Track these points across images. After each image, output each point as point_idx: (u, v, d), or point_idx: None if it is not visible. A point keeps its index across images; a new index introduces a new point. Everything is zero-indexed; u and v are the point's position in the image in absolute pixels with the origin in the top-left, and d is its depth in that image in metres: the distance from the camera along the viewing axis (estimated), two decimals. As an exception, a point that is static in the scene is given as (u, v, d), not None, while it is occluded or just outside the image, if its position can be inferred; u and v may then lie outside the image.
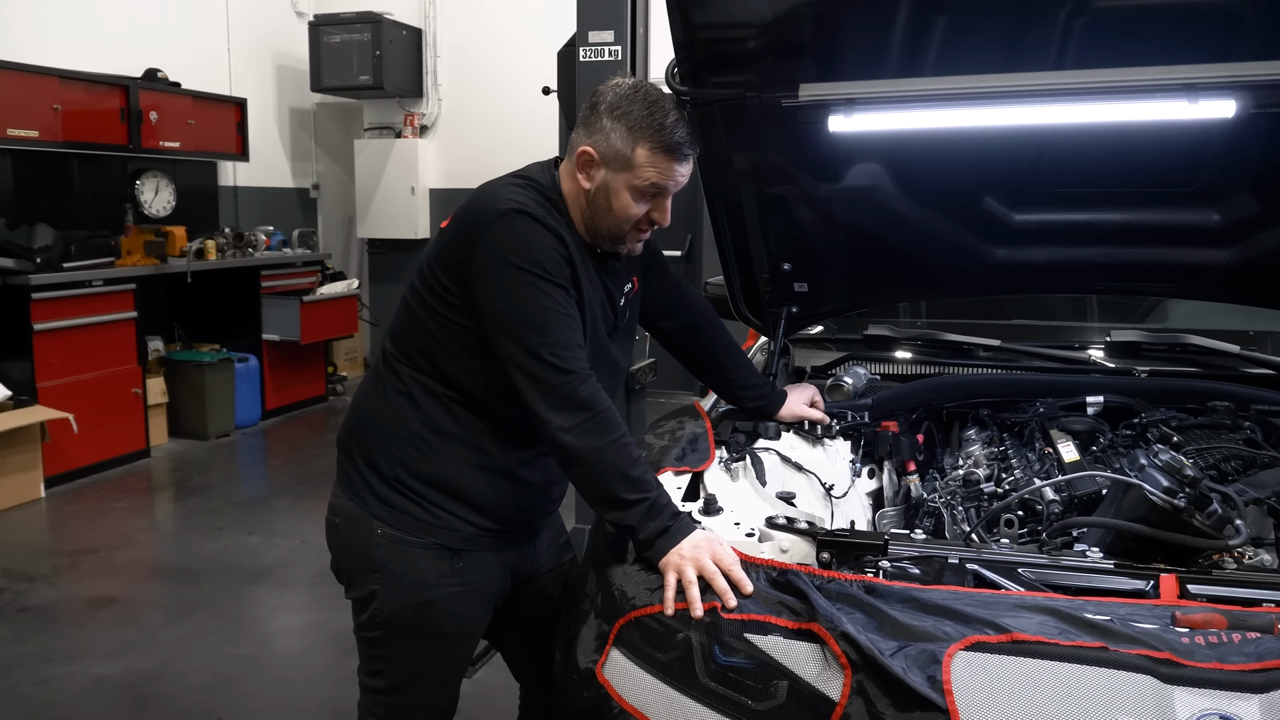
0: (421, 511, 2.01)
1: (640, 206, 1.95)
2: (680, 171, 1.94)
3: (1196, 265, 2.63)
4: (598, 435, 1.84)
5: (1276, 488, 2.12)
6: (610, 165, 1.92)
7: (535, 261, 1.86)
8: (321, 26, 8.56)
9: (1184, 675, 1.46)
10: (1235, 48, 2.02)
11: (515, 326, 1.87)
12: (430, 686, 2.13)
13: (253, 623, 4.22)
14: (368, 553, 2.03)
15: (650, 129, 1.89)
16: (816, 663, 1.61)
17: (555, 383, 1.84)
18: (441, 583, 2.03)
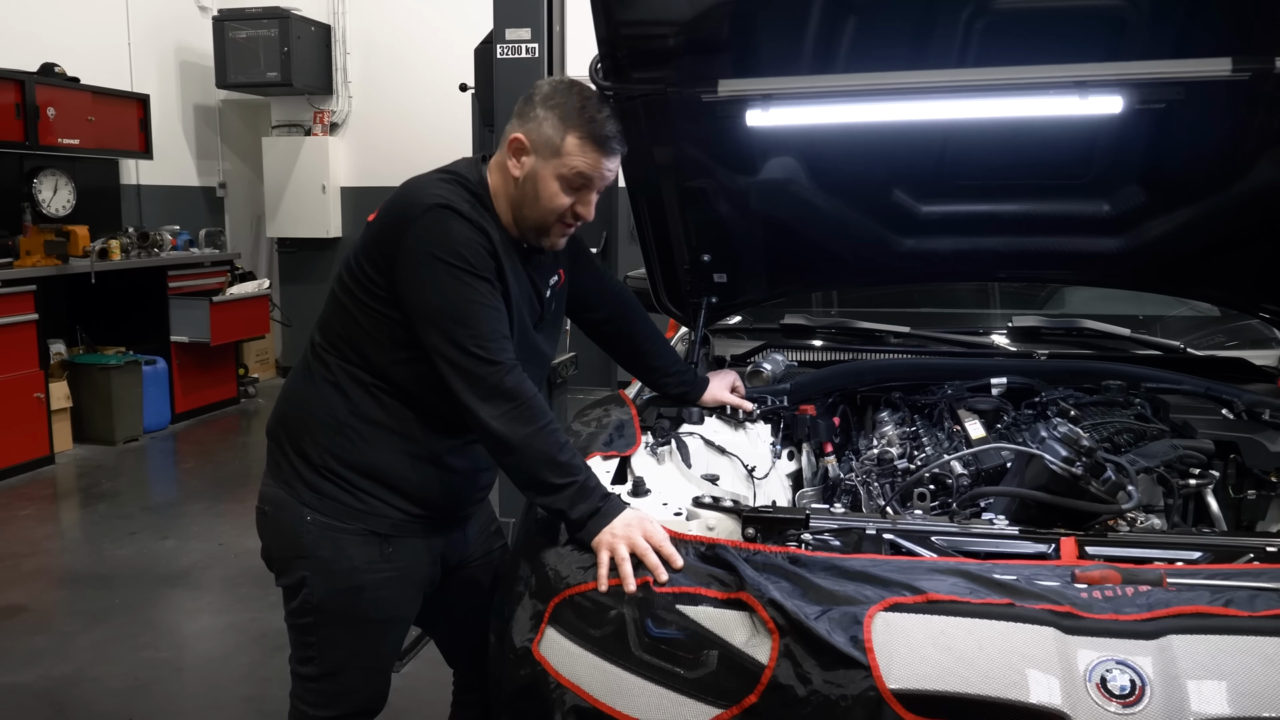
0: (350, 498, 2.04)
1: (566, 197, 2.00)
2: (607, 165, 2.00)
3: (1089, 253, 2.80)
4: (526, 423, 1.90)
5: (1165, 457, 2.28)
6: (540, 153, 1.97)
7: (460, 255, 1.91)
8: (226, 22, 8.40)
9: (1083, 626, 1.58)
10: (1121, 48, 2.17)
11: (441, 320, 1.91)
12: (361, 672, 2.15)
13: (172, 626, 4.16)
14: (297, 540, 2.05)
15: (581, 119, 1.95)
16: (746, 629, 1.69)
17: (482, 373, 1.89)
18: (371, 569, 2.06)
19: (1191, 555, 1.86)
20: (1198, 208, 2.63)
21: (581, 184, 2.00)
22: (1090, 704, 1.50)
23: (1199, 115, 2.36)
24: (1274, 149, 2.49)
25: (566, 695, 1.78)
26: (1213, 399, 2.60)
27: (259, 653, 3.85)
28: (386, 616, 2.13)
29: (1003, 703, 1.52)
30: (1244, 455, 2.43)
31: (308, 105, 8.98)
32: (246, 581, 4.56)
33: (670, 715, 1.69)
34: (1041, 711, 1.51)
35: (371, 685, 2.18)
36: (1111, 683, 1.52)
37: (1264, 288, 2.88)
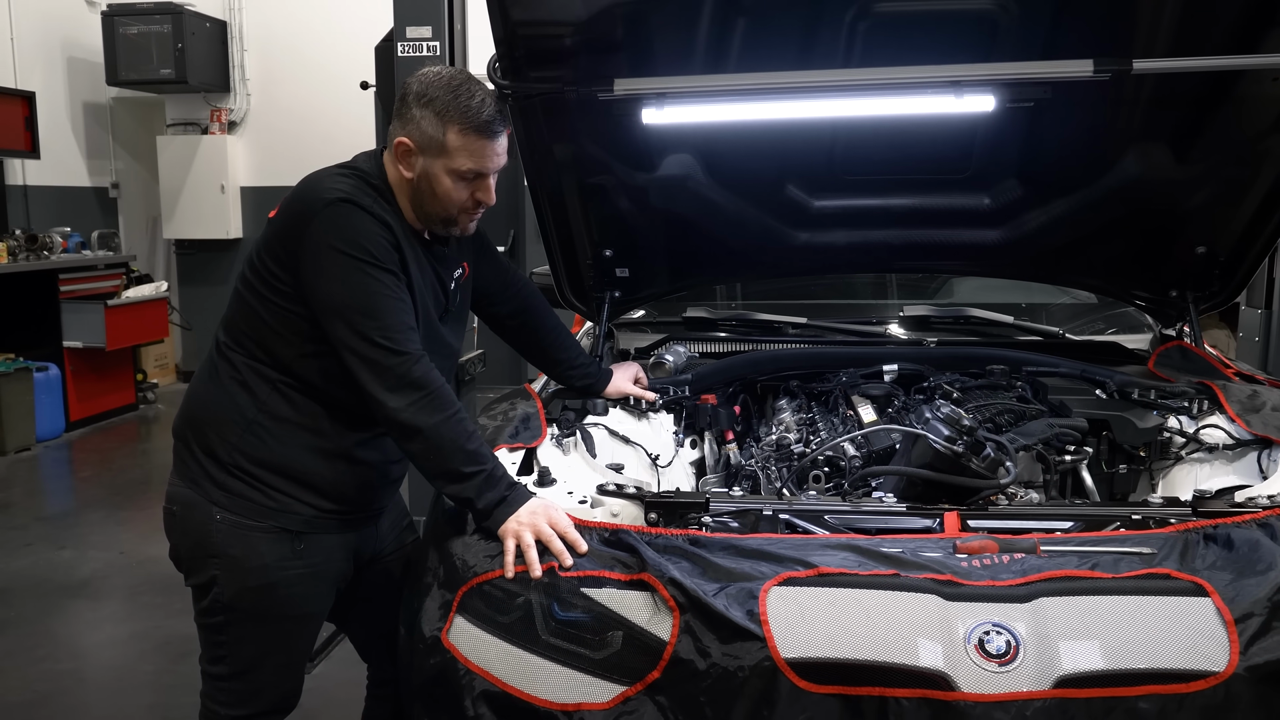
0: (260, 496, 2.04)
1: (463, 190, 2.02)
2: (495, 150, 2.01)
3: (973, 245, 2.94)
4: (433, 412, 1.93)
5: (1042, 435, 2.42)
6: (426, 152, 1.99)
7: (363, 248, 1.93)
8: (116, 17, 8.15)
9: (963, 593, 1.69)
10: (994, 49, 2.31)
11: (347, 313, 1.93)
12: (274, 670, 2.15)
13: (72, 637, 4.06)
14: (207, 538, 2.04)
15: (457, 111, 1.95)
16: (648, 608, 1.75)
17: (388, 364, 1.92)
18: (283, 565, 2.06)
19: (1064, 525, 1.99)
20: (1071, 200, 2.79)
21: (475, 175, 2.02)
22: (970, 665, 1.61)
23: (1069, 113, 2.51)
24: (1138, 144, 2.66)
25: (476, 681, 1.82)
26: (1088, 380, 2.76)
27: (164, 660, 3.79)
28: (299, 614, 2.13)
29: (889, 667, 1.61)
30: (1115, 432, 2.59)
31: (204, 103, 8.78)
32: (149, 589, 4.47)
33: (577, 695, 1.75)
34: (925, 674, 1.60)
35: (284, 683, 2.18)
36: (989, 644, 1.63)
37: (1136, 276, 3.06)
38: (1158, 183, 2.71)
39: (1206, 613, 1.65)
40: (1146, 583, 1.70)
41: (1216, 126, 2.56)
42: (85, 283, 7.35)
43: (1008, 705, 1.57)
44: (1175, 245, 2.88)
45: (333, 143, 8.30)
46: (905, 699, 1.60)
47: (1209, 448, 2.45)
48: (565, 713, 1.75)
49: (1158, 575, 1.71)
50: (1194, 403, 2.56)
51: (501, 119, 2.01)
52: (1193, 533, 1.83)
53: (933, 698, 1.59)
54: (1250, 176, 2.63)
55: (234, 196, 8.81)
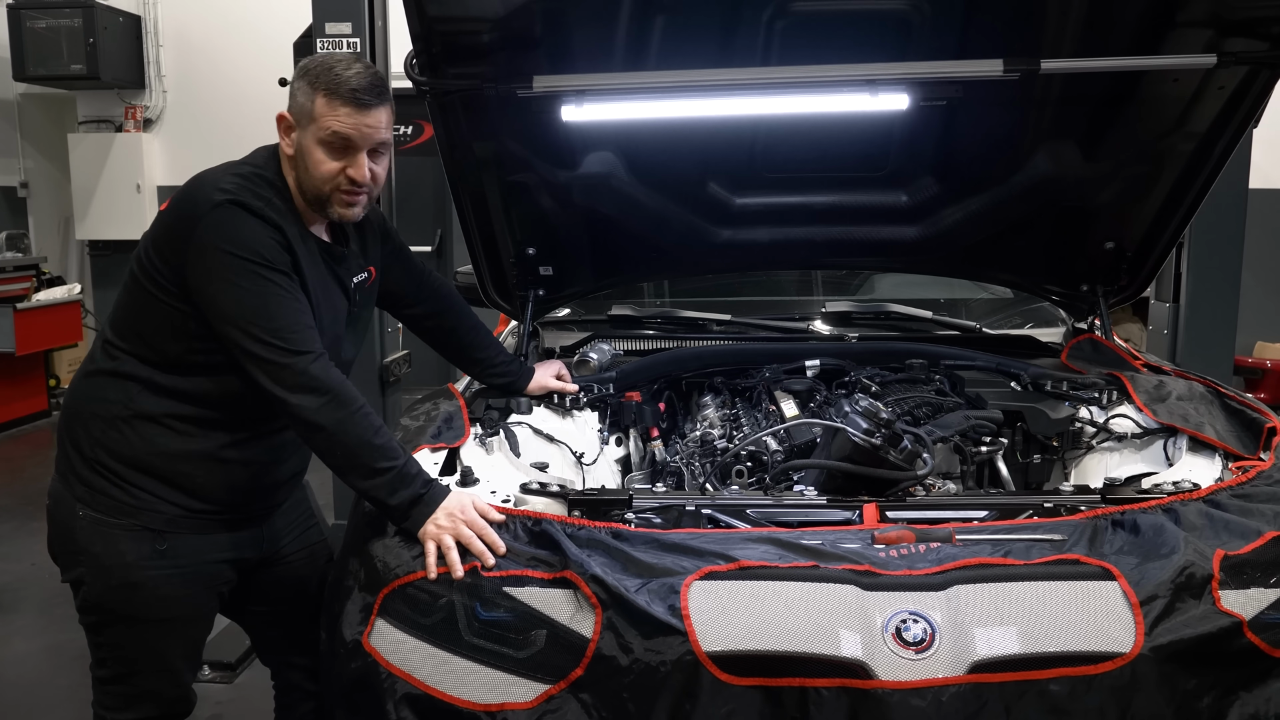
0: (121, 493, 1.99)
1: (333, 162, 1.96)
2: (364, 122, 1.95)
3: (891, 241, 2.99)
4: (338, 409, 1.89)
5: (959, 427, 2.47)
6: (300, 123, 1.96)
7: (252, 249, 1.89)
8: (23, 10, 7.86)
9: (881, 583, 1.72)
10: (909, 49, 2.35)
11: (239, 317, 1.89)
12: (153, 675, 2.09)
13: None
14: (71, 535, 2.01)
15: (327, 79, 1.92)
16: (570, 606, 1.76)
17: (287, 363, 1.88)
18: (145, 565, 2.00)
19: (979, 514, 2.04)
20: (985, 198, 2.86)
21: (343, 145, 1.95)
22: (887, 653, 1.64)
23: (982, 112, 2.58)
24: (1049, 143, 2.74)
25: (398, 684, 1.82)
26: (1003, 373, 2.82)
27: (79, 674, 3.58)
28: (169, 616, 2.06)
29: (809, 657, 1.64)
30: (1029, 423, 2.67)
31: (118, 100, 8.52)
32: (63, 601, 4.24)
33: (501, 695, 1.76)
34: (844, 663, 1.63)
35: (168, 688, 2.12)
36: (906, 632, 1.66)
37: (1048, 271, 3.15)
38: (1067, 180, 2.79)
39: (1113, 596, 1.71)
40: (1056, 568, 1.75)
41: (1122, 126, 2.64)
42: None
43: (924, 692, 1.61)
44: (1085, 241, 2.96)
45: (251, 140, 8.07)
46: (825, 689, 1.63)
47: (1118, 436, 2.53)
48: (489, 713, 1.75)
49: (1067, 561, 1.77)
50: (1104, 393, 2.64)
51: (375, 93, 1.95)
52: (1101, 519, 1.89)
53: (852, 686, 1.62)
54: (1154, 174, 2.72)
55: (150, 196, 8.56)
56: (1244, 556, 1.80)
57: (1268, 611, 1.76)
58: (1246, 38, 2.31)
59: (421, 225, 8.23)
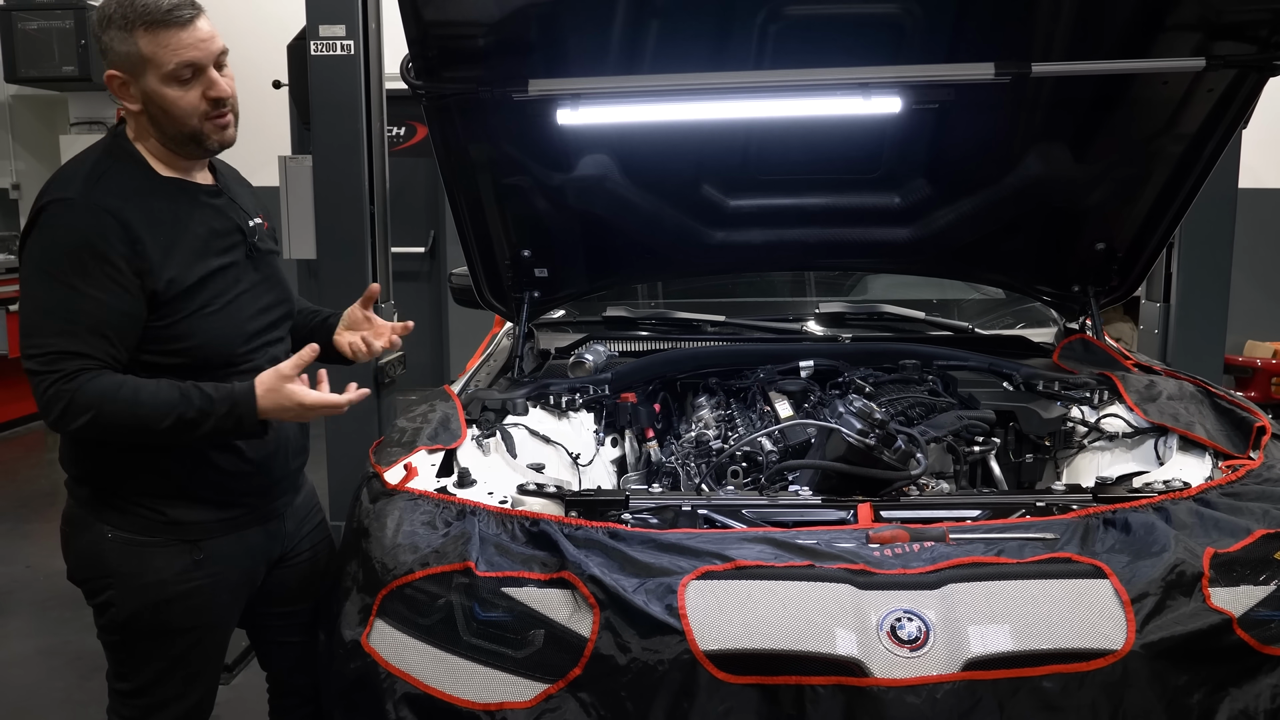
0: (150, 512, 1.98)
1: (191, 93, 1.89)
2: (196, 37, 1.87)
3: (884, 242, 3.02)
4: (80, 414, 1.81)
5: (952, 427, 2.49)
6: (136, 72, 1.86)
7: (47, 252, 1.85)
8: (14, 12, 7.88)
9: (875, 581, 1.74)
10: (901, 53, 2.37)
11: (23, 330, 1.86)
12: (181, 683, 2.10)
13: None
14: (100, 558, 1.99)
15: (136, 14, 1.83)
16: (568, 606, 1.78)
17: (37, 384, 1.84)
18: (182, 579, 2.01)
19: (972, 514, 2.06)
20: (977, 199, 2.89)
21: (192, 72, 1.88)
22: (883, 652, 1.66)
23: (973, 115, 2.60)
24: (1039, 145, 2.76)
25: (397, 684, 1.83)
26: (995, 373, 2.85)
27: (74, 676, 3.70)
28: (203, 624, 2.08)
29: (805, 656, 1.66)
30: (1021, 423, 2.69)
31: (109, 101, 8.51)
32: (58, 604, 4.34)
33: (500, 695, 1.77)
34: (840, 661, 1.65)
35: (193, 693, 2.13)
36: (901, 631, 1.68)
37: (1040, 272, 3.18)
38: (1058, 182, 2.82)
39: (1105, 594, 1.73)
40: (1049, 566, 1.77)
41: (1112, 128, 2.67)
42: (-15, 287, 7.10)
43: (919, 689, 1.63)
44: (1076, 242, 2.99)
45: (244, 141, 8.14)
46: (821, 686, 1.65)
47: (1109, 436, 2.56)
48: (488, 713, 1.77)
49: (1060, 559, 1.79)
50: (1095, 393, 2.66)
51: (189, 5, 1.87)
52: (1093, 518, 1.91)
53: (847, 684, 1.64)
54: (1144, 175, 2.75)
55: (142, 198, 8.59)
56: (1234, 554, 1.82)
57: (1257, 609, 1.79)
58: (1234, 41, 2.34)
59: (414, 226, 8.24)
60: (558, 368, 2.96)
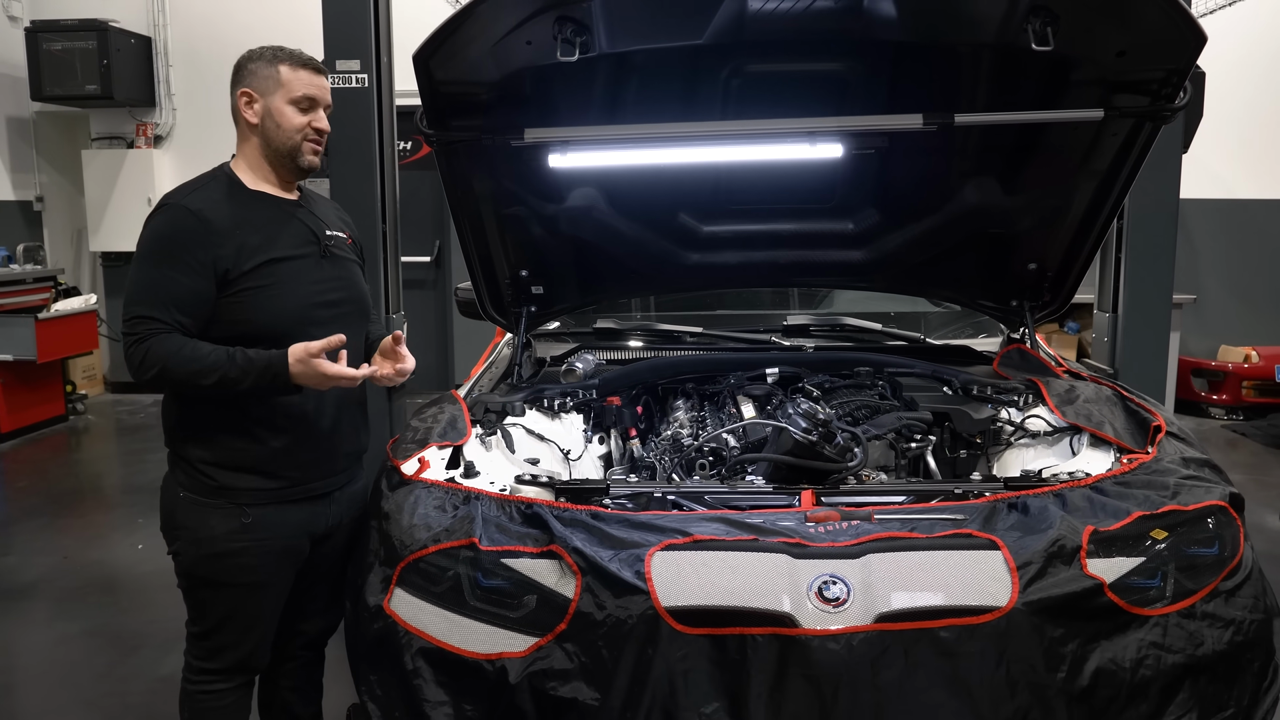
0: (208, 480, 2.41)
1: (301, 117, 2.42)
2: (321, 84, 2.46)
3: (841, 263, 3.39)
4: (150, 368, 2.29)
5: (892, 426, 2.86)
6: (266, 93, 2.41)
7: (148, 240, 2.34)
8: (40, 33, 8.25)
9: (808, 552, 2.09)
10: (844, 105, 2.75)
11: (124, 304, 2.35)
12: (235, 632, 2.49)
13: (24, 636, 4.27)
14: (173, 513, 2.45)
15: (284, 55, 2.43)
16: (556, 574, 2.13)
17: (126, 345, 2.32)
18: (231, 538, 2.41)
19: (899, 499, 2.42)
20: (921, 226, 3.26)
21: (309, 103, 2.43)
22: (810, 608, 2.01)
23: (911, 155, 2.98)
24: (972, 180, 3.13)
25: (414, 640, 2.19)
26: (938, 379, 3.22)
27: (116, 654, 4.03)
28: (249, 582, 2.46)
29: (748, 611, 2.00)
30: (955, 423, 3.05)
31: (129, 117, 8.91)
32: (96, 590, 4.71)
33: (500, 646, 2.12)
34: (776, 615, 1.99)
35: (245, 645, 2.51)
36: (826, 592, 2.03)
37: (981, 288, 3.55)
38: (992, 211, 3.18)
39: (996, 562, 2.07)
40: (951, 540, 2.11)
41: (1033, 166, 3.04)
42: (14, 296, 7.46)
43: (839, 638, 1.97)
44: (1011, 262, 3.36)
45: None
46: (760, 636, 1.98)
47: (1033, 434, 2.92)
48: (489, 661, 2.11)
49: (961, 535, 2.13)
50: (1022, 397, 3.03)
51: (321, 65, 2.48)
52: (999, 503, 2.26)
53: (782, 634, 1.97)
54: (1066, 206, 3.11)
55: (161, 209, 8.96)
56: (1113, 532, 2.17)
57: (1129, 576, 2.13)
58: (1131, 94, 2.71)
59: (421, 236, 8.59)
60: (551, 374, 3.31)
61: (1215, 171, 8.35)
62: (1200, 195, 8.32)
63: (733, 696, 1.98)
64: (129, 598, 4.66)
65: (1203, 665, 2.12)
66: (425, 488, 2.39)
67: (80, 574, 4.92)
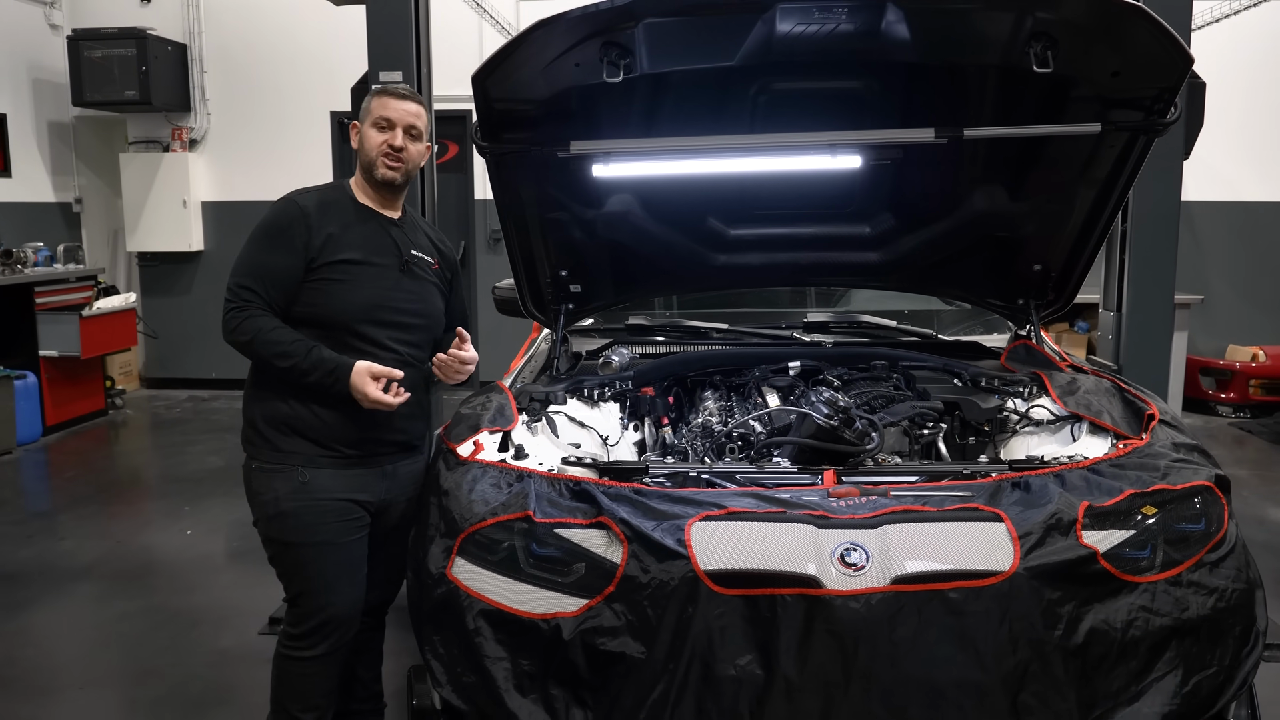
0: (269, 448, 2.72)
1: (379, 135, 2.73)
2: (399, 106, 2.74)
3: (858, 264, 3.64)
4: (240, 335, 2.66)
5: (906, 414, 3.11)
6: (362, 120, 2.78)
7: (262, 225, 2.71)
8: (81, 41, 8.56)
9: (831, 523, 2.32)
10: (862, 119, 2.99)
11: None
12: (316, 593, 2.73)
13: (87, 613, 4.53)
14: (250, 484, 2.76)
15: (380, 88, 2.80)
16: (604, 542, 2.36)
17: (225, 308, 2.68)
18: (293, 497, 2.69)
19: (913, 479, 2.66)
20: (933, 229, 3.50)
21: (386, 123, 2.73)
22: (834, 572, 2.24)
23: (924, 165, 3.22)
24: (980, 188, 3.37)
25: (475, 603, 2.43)
26: (948, 372, 3.45)
27: (177, 628, 4.30)
28: (314, 540, 2.71)
29: (778, 574, 2.23)
30: (965, 412, 3.28)
31: (165, 122, 9.21)
32: (150, 572, 4.99)
33: (554, 607, 2.35)
34: (802, 577, 2.22)
35: (329, 606, 2.74)
36: (847, 557, 2.26)
37: (989, 288, 3.79)
38: (999, 216, 3.42)
39: (999, 532, 2.30)
40: (960, 513, 2.34)
41: (1037, 175, 3.28)
42: (59, 294, 7.77)
43: (859, 598, 2.20)
44: (1017, 264, 3.59)
45: (288, 159, 8.99)
46: (789, 596, 2.21)
47: (1037, 422, 3.15)
48: (545, 620, 2.33)
49: (969, 509, 2.36)
50: (1026, 388, 3.27)
51: (407, 93, 2.79)
52: (1004, 482, 2.49)
53: (808, 594, 2.20)
54: (1068, 211, 3.34)
55: (195, 211, 9.27)
56: (1107, 508, 2.39)
57: (1120, 547, 2.35)
58: (1126, 110, 2.95)
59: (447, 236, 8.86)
60: (588, 367, 3.57)
61: (1223, 174, 8.56)
62: (1208, 198, 8.53)
63: (764, 649, 2.20)
64: (182, 579, 4.94)
65: (1188, 628, 2.34)
66: (481, 468, 2.63)
67: (133, 557, 5.19)
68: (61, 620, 4.45)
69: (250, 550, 5.20)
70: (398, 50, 4.64)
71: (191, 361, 9.31)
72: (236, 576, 4.94)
